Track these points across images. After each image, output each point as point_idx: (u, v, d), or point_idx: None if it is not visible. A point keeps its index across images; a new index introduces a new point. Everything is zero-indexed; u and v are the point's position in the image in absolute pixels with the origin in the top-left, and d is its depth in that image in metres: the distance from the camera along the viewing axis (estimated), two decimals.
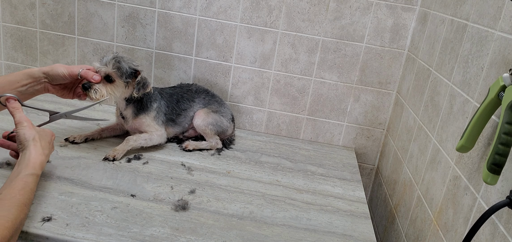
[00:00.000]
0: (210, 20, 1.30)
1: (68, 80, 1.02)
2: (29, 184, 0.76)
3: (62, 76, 1.00)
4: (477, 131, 0.71)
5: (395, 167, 1.23)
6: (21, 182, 0.75)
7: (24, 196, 0.73)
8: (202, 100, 1.24)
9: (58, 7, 1.34)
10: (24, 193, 0.74)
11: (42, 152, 0.84)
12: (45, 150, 0.85)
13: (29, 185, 0.76)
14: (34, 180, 0.78)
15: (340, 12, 1.26)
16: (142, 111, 1.11)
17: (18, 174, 0.77)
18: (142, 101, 1.11)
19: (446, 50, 0.98)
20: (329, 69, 1.32)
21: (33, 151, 0.82)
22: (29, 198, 0.75)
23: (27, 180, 0.76)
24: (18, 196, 0.72)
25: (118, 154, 1.07)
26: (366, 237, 0.93)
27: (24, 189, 0.74)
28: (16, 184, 0.74)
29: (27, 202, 0.74)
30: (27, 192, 0.75)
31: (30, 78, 0.98)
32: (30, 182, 0.77)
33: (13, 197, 0.71)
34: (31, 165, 0.80)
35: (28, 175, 0.77)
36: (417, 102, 1.12)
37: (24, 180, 0.76)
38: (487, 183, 0.61)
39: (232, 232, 0.87)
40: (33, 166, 0.80)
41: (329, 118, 1.38)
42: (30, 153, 0.81)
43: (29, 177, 0.77)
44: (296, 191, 1.07)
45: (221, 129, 1.22)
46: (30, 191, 0.76)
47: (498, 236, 0.65)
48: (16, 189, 0.73)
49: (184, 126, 1.23)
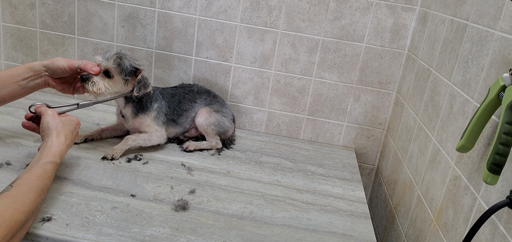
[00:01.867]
0: (210, 20, 1.30)
1: (68, 73, 1.03)
2: (48, 171, 0.79)
3: (62, 69, 1.01)
4: (477, 131, 0.71)
5: (395, 167, 1.23)
6: (41, 168, 0.78)
7: (42, 182, 0.76)
8: (204, 101, 1.24)
9: (58, 7, 1.34)
10: (43, 179, 0.77)
11: (64, 141, 0.87)
12: (67, 140, 0.88)
13: (48, 172, 0.79)
14: (53, 168, 0.81)
15: (340, 12, 1.26)
16: (142, 111, 1.11)
17: (39, 161, 0.80)
18: (142, 101, 1.11)
19: (446, 50, 0.98)
20: (329, 69, 1.32)
21: (55, 139, 0.85)
22: (47, 184, 0.78)
23: (47, 167, 0.79)
24: (37, 182, 0.75)
25: (117, 153, 1.07)
26: (366, 237, 0.93)
27: (42, 176, 0.77)
28: (36, 170, 0.77)
29: (44, 188, 0.77)
30: (45, 178, 0.78)
31: (31, 71, 0.99)
32: (49, 169, 0.80)
33: (32, 183, 0.74)
34: (52, 153, 0.83)
35: (48, 162, 0.80)
36: (417, 102, 1.12)
37: (44, 167, 0.79)
38: (487, 183, 0.61)
39: (232, 232, 0.87)
40: (53, 154, 0.83)
41: (329, 118, 1.38)
42: (51, 141, 0.85)
43: (48, 165, 0.80)
44: (296, 191, 1.07)
45: (223, 129, 1.22)
46: (48, 178, 0.79)
47: (498, 236, 0.65)
48: (35, 174, 0.76)
49: (185, 126, 1.22)
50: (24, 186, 0.73)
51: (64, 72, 1.02)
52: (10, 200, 0.69)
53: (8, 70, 0.98)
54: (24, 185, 0.73)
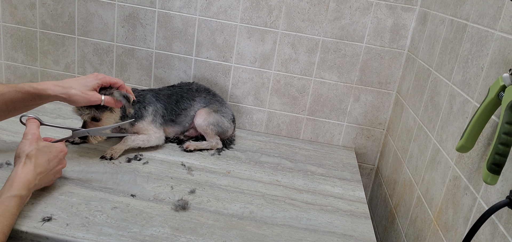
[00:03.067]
0: (210, 20, 1.30)
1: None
2: (11, 209, 0.68)
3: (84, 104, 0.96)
4: (477, 131, 0.71)
5: (395, 167, 1.23)
6: (2, 206, 0.68)
7: (3, 223, 0.66)
8: (203, 100, 1.24)
9: (58, 7, 1.34)
10: (3, 219, 0.66)
11: (32, 170, 0.76)
12: (37, 168, 0.77)
13: (11, 209, 0.68)
14: (16, 202, 0.70)
15: (340, 12, 1.26)
16: (139, 119, 1.12)
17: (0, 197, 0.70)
18: (136, 109, 1.11)
19: (446, 50, 0.98)
20: (329, 69, 1.32)
21: (20, 169, 0.75)
22: (8, 224, 0.67)
23: (9, 203, 0.69)
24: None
25: (116, 153, 1.07)
26: (366, 237, 0.93)
27: (3, 215, 0.67)
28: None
29: (5, 230, 0.66)
30: (7, 217, 0.67)
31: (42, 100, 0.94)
32: (12, 205, 0.69)
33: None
34: (15, 185, 0.72)
35: (10, 197, 0.70)
36: (417, 102, 1.12)
37: (5, 204, 0.69)
38: (487, 183, 0.61)
39: (232, 232, 0.87)
40: (17, 186, 0.72)
41: (329, 118, 1.38)
42: (16, 171, 0.75)
43: (10, 200, 0.69)
44: (296, 191, 1.07)
45: (222, 129, 1.22)
46: (11, 216, 0.68)
47: (498, 236, 0.65)
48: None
49: (185, 125, 1.23)
50: None
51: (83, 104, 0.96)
52: None
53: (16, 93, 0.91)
54: None
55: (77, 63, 1.40)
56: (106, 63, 1.38)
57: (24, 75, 1.43)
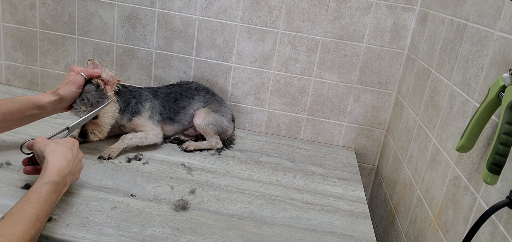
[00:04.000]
0: (210, 20, 1.30)
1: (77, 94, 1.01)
2: (44, 195, 0.70)
3: (73, 97, 0.99)
4: (477, 131, 0.71)
5: (395, 167, 1.23)
6: (35, 193, 0.70)
7: (36, 208, 0.67)
8: (202, 98, 1.24)
9: (58, 7, 1.34)
10: (36, 204, 0.68)
11: (62, 157, 0.78)
12: (66, 156, 0.79)
13: (44, 195, 0.70)
14: (49, 189, 0.72)
15: (340, 12, 1.26)
16: (137, 114, 1.12)
17: (34, 186, 0.72)
18: (132, 105, 1.11)
19: (446, 50, 0.98)
20: (329, 69, 1.32)
21: (50, 157, 0.77)
22: (43, 209, 0.69)
23: (41, 190, 0.71)
24: (29, 209, 0.67)
25: (113, 152, 1.07)
26: (366, 237, 0.93)
27: (37, 201, 0.69)
28: (29, 196, 0.69)
29: (39, 214, 0.67)
30: (40, 203, 0.69)
31: (37, 108, 0.96)
32: (44, 192, 0.71)
33: (23, 211, 0.66)
34: (47, 172, 0.74)
35: (42, 184, 0.72)
36: (417, 102, 1.12)
37: (38, 190, 0.71)
38: (487, 183, 0.61)
39: (232, 232, 0.87)
40: (49, 174, 0.74)
41: (329, 118, 1.38)
42: (46, 162, 0.76)
43: (43, 186, 0.72)
44: (296, 191, 1.07)
45: (222, 129, 1.22)
46: (44, 202, 0.70)
47: (498, 236, 0.65)
48: (28, 201, 0.68)
49: (184, 123, 1.22)
50: (13, 217, 0.65)
51: (74, 98, 1.00)
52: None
53: (15, 104, 0.94)
54: (14, 215, 0.65)
55: (77, 63, 1.40)
56: (106, 63, 1.38)
57: (24, 75, 1.43)
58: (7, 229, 0.62)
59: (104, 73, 1.05)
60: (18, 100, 0.95)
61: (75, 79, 1.00)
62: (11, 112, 0.93)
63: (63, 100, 0.99)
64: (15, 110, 0.94)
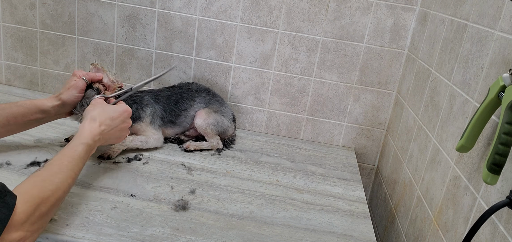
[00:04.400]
0: (210, 20, 1.30)
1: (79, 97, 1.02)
2: (79, 152, 0.80)
3: (75, 101, 1.00)
4: (477, 131, 0.71)
5: (395, 167, 1.23)
6: (71, 150, 0.79)
7: (72, 163, 0.77)
8: (203, 100, 1.24)
9: (58, 7, 1.34)
10: (72, 160, 0.77)
11: (97, 126, 0.87)
12: (102, 125, 0.88)
13: (78, 153, 0.80)
14: (84, 149, 0.81)
15: (340, 12, 1.26)
16: (138, 120, 1.11)
17: (70, 144, 0.81)
18: (133, 110, 1.10)
19: (446, 50, 0.98)
20: (329, 69, 1.32)
21: (87, 123, 0.87)
22: (78, 165, 0.79)
23: (77, 148, 0.80)
24: (66, 162, 0.76)
25: (113, 153, 1.07)
26: (366, 237, 0.93)
27: (72, 156, 0.78)
28: (66, 151, 0.79)
29: (75, 168, 0.77)
30: (75, 159, 0.78)
31: (40, 112, 0.97)
32: (80, 150, 0.80)
33: (62, 163, 0.76)
34: (83, 136, 0.83)
35: (78, 144, 0.81)
36: (417, 102, 1.12)
37: (74, 148, 0.80)
38: (487, 183, 0.61)
39: (232, 232, 0.87)
40: (85, 137, 0.83)
41: (329, 118, 1.38)
42: (84, 126, 0.86)
43: (79, 146, 0.81)
44: (296, 191, 1.07)
45: (222, 129, 1.22)
46: (79, 158, 0.79)
47: (498, 236, 0.65)
48: (65, 155, 0.77)
49: (185, 125, 1.22)
50: (53, 166, 0.74)
51: (75, 102, 1.01)
52: (38, 179, 0.70)
53: (19, 108, 0.95)
54: (54, 165, 0.75)
55: (77, 63, 1.40)
56: (106, 63, 1.38)
57: (24, 75, 1.43)
58: (48, 176, 0.72)
59: (106, 77, 1.04)
60: (22, 105, 0.96)
61: (77, 83, 1.00)
62: (15, 116, 0.94)
63: (65, 105, 0.99)
64: (19, 115, 0.95)
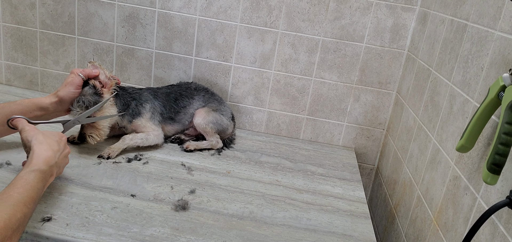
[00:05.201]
0: (210, 20, 1.30)
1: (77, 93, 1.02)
2: (30, 181, 0.72)
3: (72, 97, 1.00)
4: (477, 131, 0.71)
5: (395, 167, 1.23)
6: (21, 180, 0.71)
7: (23, 194, 0.69)
8: (202, 98, 1.24)
9: (58, 7, 1.34)
10: (23, 190, 0.69)
11: (48, 148, 0.79)
12: (52, 147, 0.80)
13: (30, 182, 0.72)
14: (36, 176, 0.73)
15: (340, 12, 1.26)
16: (137, 116, 1.12)
17: (19, 173, 0.73)
18: (132, 106, 1.11)
19: (446, 50, 0.98)
20: (329, 69, 1.32)
21: (37, 147, 0.78)
22: (30, 195, 0.70)
23: (28, 177, 0.72)
24: (15, 195, 0.68)
25: (113, 152, 1.07)
26: (366, 237, 0.93)
27: (23, 187, 0.70)
28: (15, 183, 0.71)
29: (26, 200, 0.69)
30: (27, 189, 0.70)
31: (39, 109, 0.97)
32: (31, 179, 0.72)
33: (9, 196, 0.67)
34: (34, 161, 0.76)
35: (29, 172, 0.73)
36: (417, 102, 1.12)
37: (24, 177, 0.72)
38: (487, 183, 0.61)
39: (232, 232, 0.87)
40: (36, 162, 0.75)
41: (329, 118, 1.38)
42: (33, 151, 0.78)
43: (29, 174, 0.73)
44: (296, 191, 1.07)
45: (222, 127, 1.22)
46: (31, 188, 0.71)
47: (498, 236, 0.65)
48: (14, 187, 0.70)
49: (184, 123, 1.23)
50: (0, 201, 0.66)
51: (73, 98, 1.01)
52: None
53: (16, 106, 0.95)
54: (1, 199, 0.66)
55: (77, 63, 1.40)
56: (106, 63, 1.38)
57: (24, 75, 1.43)
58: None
59: (102, 75, 1.05)
60: (20, 103, 0.96)
61: (73, 80, 1.01)
62: (14, 114, 0.93)
63: (63, 102, 1.00)
64: (18, 113, 0.94)
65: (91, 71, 1.04)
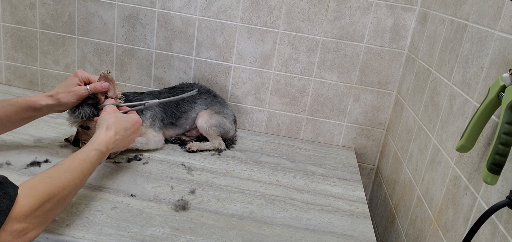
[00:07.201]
0: (210, 20, 1.30)
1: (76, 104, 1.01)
2: (91, 157, 0.80)
3: (69, 105, 0.99)
4: (477, 131, 0.71)
5: (395, 167, 1.23)
6: (84, 153, 0.80)
7: (83, 165, 0.77)
8: (204, 102, 1.24)
9: (58, 7, 1.34)
10: (84, 162, 0.78)
11: (112, 135, 0.88)
12: (117, 134, 0.89)
13: (91, 158, 0.80)
14: (96, 155, 0.82)
15: (340, 12, 1.26)
16: None
17: (83, 148, 0.82)
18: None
19: (446, 50, 0.98)
20: (329, 69, 1.32)
21: (103, 132, 0.87)
22: (88, 169, 0.79)
23: (90, 153, 0.81)
24: (76, 164, 0.76)
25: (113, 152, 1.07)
26: (366, 237, 0.93)
27: (84, 160, 0.79)
28: (78, 154, 0.79)
29: (85, 171, 0.78)
30: (87, 162, 0.79)
31: (32, 110, 0.96)
32: (92, 155, 0.81)
33: (72, 164, 0.76)
34: (97, 142, 0.85)
35: (91, 149, 0.82)
36: (417, 102, 1.12)
37: (87, 153, 0.81)
38: (487, 183, 0.61)
39: (232, 232, 0.87)
40: (99, 143, 0.84)
41: (329, 118, 1.38)
42: (98, 133, 0.87)
43: (91, 151, 0.81)
44: (296, 191, 1.07)
45: (224, 130, 1.22)
46: (91, 163, 0.80)
47: (498, 236, 0.65)
48: (77, 158, 0.78)
49: (185, 127, 1.22)
50: (63, 166, 0.75)
51: (72, 106, 1.00)
52: (46, 176, 0.70)
53: (10, 106, 0.94)
54: (64, 165, 0.75)
55: (77, 63, 1.40)
56: (106, 63, 1.38)
57: (24, 75, 1.43)
58: (55, 173, 0.72)
59: (111, 91, 1.02)
60: (14, 103, 0.95)
61: (79, 90, 0.97)
62: (8, 115, 0.94)
63: (61, 106, 0.98)
64: (12, 113, 0.94)
65: (100, 87, 0.99)
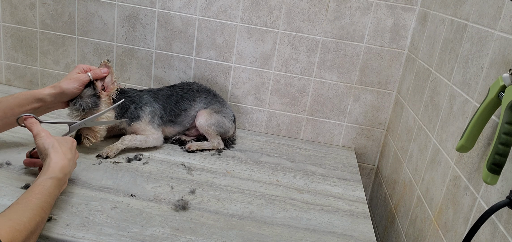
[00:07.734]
0: (210, 20, 1.30)
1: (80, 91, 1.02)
2: (47, 188, 0.75)
3: (74, 93, 1.00)
4: (477, 131, 0.71)
5: (395, 167, 1.23)
6: (39, 186, 0.75)
7: (41, 199, 0.72)
8: (204, 100, 1.24)
9: (58, 7, 1.34)
10: (41, 196, 0.73)
11: (63, 156, 0.83)
12: (66, 155, 0.84)
13: (47, 188, 0.75)
14: (53, 183, 0.77)
15: (340, 12, 1.26)
16: (136, 119, 1.11)
17: (37, 180, 0.77)
18: (131, 109, 1.11)
19: (446, 50, 0.98)
20: (329, 69, 1.32)
21: (53, 156, 0.81)
22: (47, 201, 0.74)
23: (45, 183, 0.76)
24: (34, 200, 0.71)
25: (112, 152, 1.07)
26: (366, 237, 0.93)
27: (41, 193, 0.73)
28: (33, 188, 0.74)
29: (44, 205, 0.72)
30: (45, 195, 0.74)
31: (37, 102, 0.97)
32: (48, 185, 0.76)
33: (28, 201, 0.71)
34: (51, 169, 0.79)
35: (46, 179, 0.77)
36: (417, 102, 1.12)
37: (42, 184, 0.75)
38: (487, 183, 0.61)
39: (232, 232, 0.87)
40: (53, 170, 0.79)
41: (329, 118, 1.38)
42: (50, 158, 0.81)
43: (47, 181, 0.76)
44: (296, 191, 1.07)
45: (223, 130, 1.22)
46: (48, 195, 0.75)
47: (498, 236, 0.65)
48: (33, 193, 0.73)
49: (185, 125, 1.22)
50: (20, 205, 0.69)
51: (75, 94, 1.01)
52: (4, 219, 0.65)
53: (15, 99, 0.95)
54: (21, 204, 0.70)
55: (77, 63, 1.40)
56: None
57: (24, 75, 1.43)
58: (14, 215, 0.66)
59: (109, 77, 1.06)
60: (17, 96, 0.96)
61: (80, 77, 1.01)
62: (12, 107, 0.94)
63: (64, 94, 1.00)
64: (16, 105, 0.95)
65: (100, 73, 1.04)
